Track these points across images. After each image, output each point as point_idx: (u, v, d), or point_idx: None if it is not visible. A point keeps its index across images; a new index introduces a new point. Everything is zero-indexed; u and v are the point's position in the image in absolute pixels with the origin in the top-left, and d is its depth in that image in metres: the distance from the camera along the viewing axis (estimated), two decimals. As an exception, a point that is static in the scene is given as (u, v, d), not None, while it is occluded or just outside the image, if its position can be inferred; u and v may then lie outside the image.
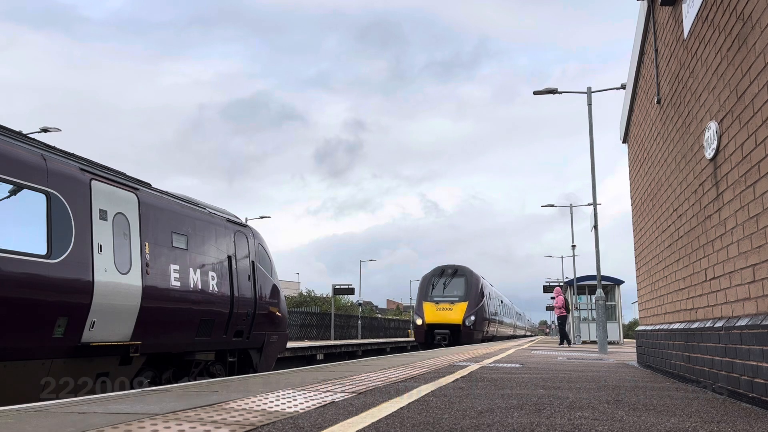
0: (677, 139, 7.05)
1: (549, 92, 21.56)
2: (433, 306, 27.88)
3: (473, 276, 29.21)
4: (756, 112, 4.48)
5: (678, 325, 7.11)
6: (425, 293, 28.71)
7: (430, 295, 28.40)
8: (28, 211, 7.83)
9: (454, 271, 29.16)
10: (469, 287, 28.34)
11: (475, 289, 28.57)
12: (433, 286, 28.82)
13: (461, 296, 28.03)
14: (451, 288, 28.48)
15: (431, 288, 28.76)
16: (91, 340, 8.67)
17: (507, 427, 3.33)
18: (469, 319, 27.08)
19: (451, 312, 27.41)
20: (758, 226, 4.49)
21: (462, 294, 28.13)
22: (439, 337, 26.96)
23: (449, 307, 27.53)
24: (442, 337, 26.94)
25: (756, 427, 3.52)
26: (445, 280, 28.81)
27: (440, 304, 27.83)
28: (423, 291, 28.99)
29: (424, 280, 29.43)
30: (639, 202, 10.08)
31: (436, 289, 28.62)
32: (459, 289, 28.35)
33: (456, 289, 28.38)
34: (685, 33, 6.55)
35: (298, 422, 3.30)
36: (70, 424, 3.04)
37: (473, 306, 27.77)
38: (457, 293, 28.21)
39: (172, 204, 11.16)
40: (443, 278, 28.91)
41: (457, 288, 28.41)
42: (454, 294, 28.23)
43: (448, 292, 28.29)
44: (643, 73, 9.25)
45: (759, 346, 4.36)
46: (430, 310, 27.74)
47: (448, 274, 28.99)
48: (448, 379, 6.38)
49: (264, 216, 43.29)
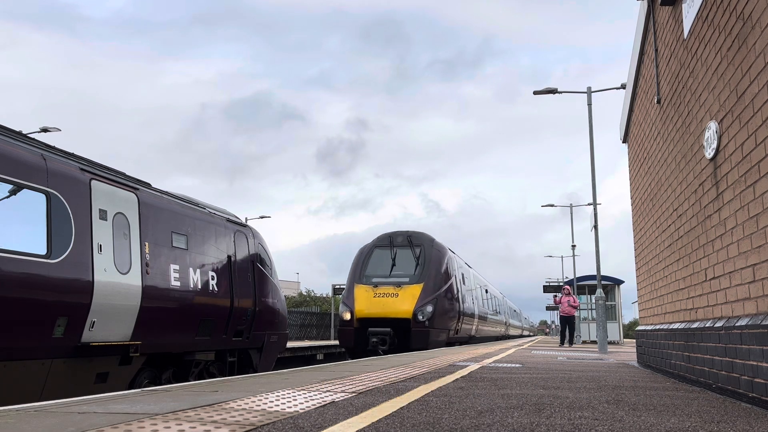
0: (677, 139, 7.05)
1: (549, 92, 21.56)
2: (369, 291, 18.00)
3: (435, 248, 19.29)
4: (756, 112, 4.48)
5: (678, 325, 7.11)
6: (358, 272, 18.83)
7: (366, 275, 18.62)
8: (28, 211, 7.83)
9: (406, 239, 19.19)
10: (428, 263, 18.57)
11: (437, 267, 18.74)
12: (371, 261, 19.10)
13: (414, 276, 18.25)
14: (399, 264, 18.73)
15: (368, 264, 19.00)
16: (91, 340, 8.67)
17: (507, 426, 3.33)
18: (423, 311, 17.47)
19: (396, 300, 17.67)
20: (758, 226, 4.48)
21: (415, 273, 18.38)
22: (376, 339, 17.18)
23: (393, 293, 17.75)
24: (380, 339, 17.21)
25: (756, 427, 3.52)
26: (391, 254, 18.91)
27: (380, 287, 17.97)
28: (356, 269, 19.05)
29: (361, 255, 19.46)
30: (639, 202, 10.08)
31: (377, 265, 18.87)
32: (411, 266, 18.62)
33: (407, 266, 18.68)
34: (685, 33, 6.55)
35: (298, 422, 3.30)
36: (70, 424, 3.04)
37: (432, 290, 18.01)
38: (407, 272, 18.47)
39: (172, 204, 11.16)
40: (389, 250, 18.98)
41: (409, 264, 18.70)
42: (403, 273, 18.48)
43: (395, 271, 18.53)
44: (643, 73, 9.25)
45: (759, 346, 4.36)
46: (364, 298, 17.94)
47: (397, 244, 19.11)
48: (448, 379, 6.38)
49: (264, 216, 43.30)
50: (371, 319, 17.56)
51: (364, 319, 17.66)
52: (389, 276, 18.41)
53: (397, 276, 18.37)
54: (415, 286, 17.95)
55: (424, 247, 19.01)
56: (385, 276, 18.42)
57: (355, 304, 17.84)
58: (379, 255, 19.12)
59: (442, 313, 18.42)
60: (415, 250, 18.96)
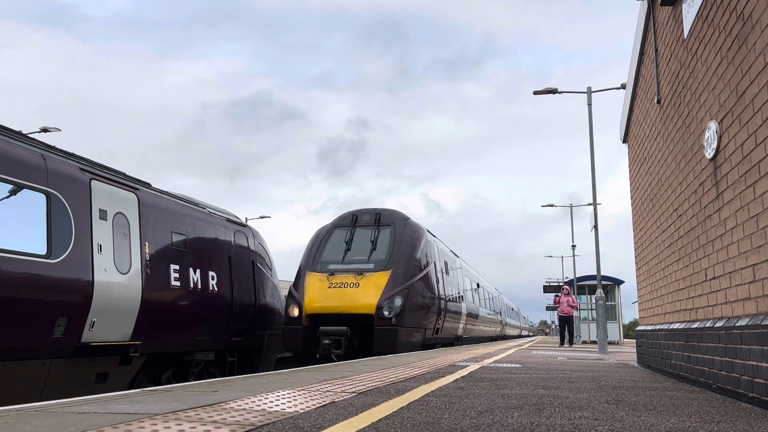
0: (677, 139, 7.05)
1: (549, 92, 21.56)
2: (324, 280, 14.32)
3: (409, 228, 15.57)
4: (756, 112, 4.48)
5: (678, 325, 7.11)
6: (312, 257, 15.05)
7: (321, 260, 14.90)
8: (28, 211, 7.84)
9: (374, 217, 15.65)
10: (399, 247, 14.95)
11: (410, 251, 15.08)
12: (329, 244, 15.37)
13: (381, 262, 14.67)
14: (363, 247, 15.15)
15: (325, 247, 15.26)
16: (91, 340, 8.67)
17: (507, 427, 3.33)
18: (390, 304, 13.88)
19: (357, 291, 14.08)
20: (758, 226, 4.49)
21: (382, 258, 14.78)
22: (329, 341, 13.38)
23: (354, 282, 14.24)
24: (334, 341, 13.42)
25: (756, 427, 3.52)
26: (353, 235, 15.35)
27: (337, 276, 14.40)
28: (309, 254, 15.23)
29: (317, 236, 15.70)
30: (639, 202, 10.08)
31: (335, 249, 15.21)
32: (378, 250, 15.06)
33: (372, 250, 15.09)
34: (685, 33, 6.55)
35: (298, 422, 3.30)
36: (70, 424, 3.04)
37: (402, 279, 14.42)
38: (373, 257, 14.93)
39: (172, 204, 11.17)
40: (351, 231, 15.42)
41: (376, 247, 15.11)
42: (368, 258, 14.94)
43: (358, 255, 15.00)
44: (643, 73, 9.25)
45: (759, 346, 4.36)
46: (317, 288, 14.25)
47: (362, 224, 15.55)
48: (448, 379, 6.38)
49: (264, 216, 43.27)
50: (325, 315, 13.71)
51: (315, 316, 13.75)
52: (350, 261, 14.64)
53: (360, 261, 14.63)
54: (381, 273, 14.22)
55: (395, 227, 15.24)
56: (342, 262, 14.69)
57: (305, 297, 13.97)
58: (340, 237, 15.28)
59: (416, 307, 14.60)
60: (384, 230, 15.26)
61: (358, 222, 15.53)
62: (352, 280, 14.18)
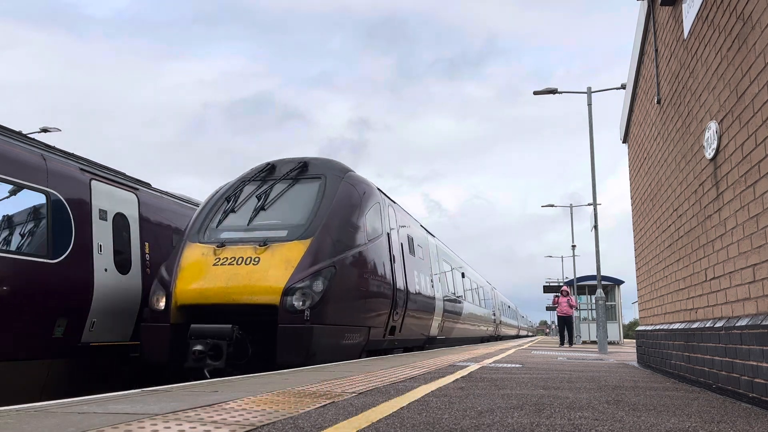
0: (677, 139, 7.06)
1: (549, 92, 21.57)
2: (207, 255, 9.27)
3: (347, 183, 10.57)
4: (756, 112, 4.48)
5: (678, 325, 7.11)
6: (198, 223, 10.06)
7: (210, 227, 9.93)
8: (28, 212, 7.84)
9: (299, 168, 10.67)
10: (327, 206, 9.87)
11: (345, 213, 10.05)
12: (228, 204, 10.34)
13: (297, 227, 9.51)
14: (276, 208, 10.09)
15: (220, 209, 10.28)
16: (91, 340, 8.67)
17: (507, 427, 3.34)
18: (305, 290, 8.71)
19: (255, 270, 8.91)
20: (758, 226, 4.49)
21: (300, 222, 9.63)
22: (201, 347, 8.23)
23: (252, 257, 9.07)
24: (211, 347, 8.30)
25: (756, 427, 3.52)
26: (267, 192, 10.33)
27: (229, 248, 9.29)
28: (196, 219, 10.24)
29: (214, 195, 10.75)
30: (639, 202, 10.08)
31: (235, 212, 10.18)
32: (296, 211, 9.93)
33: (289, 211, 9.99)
34: (685, 33, 6.55)
35: (298, 422, 3.30)
36: (70, 424, 3.04)
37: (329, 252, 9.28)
38: (287, 220, 9.77)
39: (172, 204, 11.17)
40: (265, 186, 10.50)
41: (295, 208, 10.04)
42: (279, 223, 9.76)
43: (265, 219, 9.89)
44: (643, 73, 9.26)
45: (759, 346, 4.36)
46: (196, 267, 9.13)
47: (281, 177, 10.58)
48: (448, 379, 6.38)
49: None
50: (204, 307, 8.80)
51: (190, 308, 8.84)
52: (255, 228, 9.57)
53: (266, 228, 9.54)
54: (296, 244, 9.09)
55: (326, 180, 10.15)
56: (244, 228, 9.60)
57: (177, 279, 8.95)
58: (248, 194, 10.26)
59: (350, 294, 9.53)
60: (310, 185, 10.17)
61: (275, 174, 10.50)
62: (251, 253, 8.96)
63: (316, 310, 8.60)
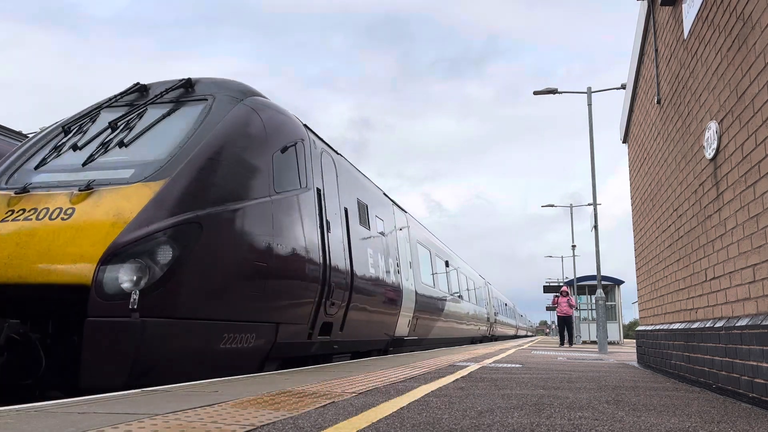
0: (677, 139, 7.06)
1: (549, 92, 21.58)
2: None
3: (246, 106, 7.06)
4: (756, 112, 4.48)
5: (678, 325, 7.12)
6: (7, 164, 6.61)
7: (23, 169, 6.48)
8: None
9: (178, 87, 7.27)
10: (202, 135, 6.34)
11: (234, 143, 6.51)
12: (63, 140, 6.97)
13: (148, 164, 6.03)
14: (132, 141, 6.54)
15: (49, 146, 6.90)
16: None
17: (507, 427, 3.34)
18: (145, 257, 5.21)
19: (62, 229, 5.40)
20: (758, 226, 4.49)
21: (159, 157, 6.13)
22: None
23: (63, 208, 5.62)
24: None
25: (756, 427, 3.52)
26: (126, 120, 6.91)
27: (33, 195, 5.89)
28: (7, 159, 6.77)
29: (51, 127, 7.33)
30: (639, 202, 10.08)
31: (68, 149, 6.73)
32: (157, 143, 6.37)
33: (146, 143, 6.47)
34: (685, 33, 6.55)
35: (298, 422, 3.30)
36: (70, 424, 3.04)
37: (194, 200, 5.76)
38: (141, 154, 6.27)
39: None
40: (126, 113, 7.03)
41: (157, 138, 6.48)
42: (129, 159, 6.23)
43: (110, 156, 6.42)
44: (643, 73, 9.26)
45: (759, 346, 4.36)
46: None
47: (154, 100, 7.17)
48: (448, 379, 6.38)
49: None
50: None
51: None
52: (85, 169, 6.36)
53: (105, 167, 6.34)
54: (139, 186, 5.86)
55: (214, 102, 7.06)
56: (75, 169, 6.41)
57: None
58: (100, 125, 7.20)
59: (233, 269, 6.17)
60: (191, 109, 7.08)
61: (147, 96, 7.49)
62: (63, 203, 5.84)
63: (158, 292, 5.32)
